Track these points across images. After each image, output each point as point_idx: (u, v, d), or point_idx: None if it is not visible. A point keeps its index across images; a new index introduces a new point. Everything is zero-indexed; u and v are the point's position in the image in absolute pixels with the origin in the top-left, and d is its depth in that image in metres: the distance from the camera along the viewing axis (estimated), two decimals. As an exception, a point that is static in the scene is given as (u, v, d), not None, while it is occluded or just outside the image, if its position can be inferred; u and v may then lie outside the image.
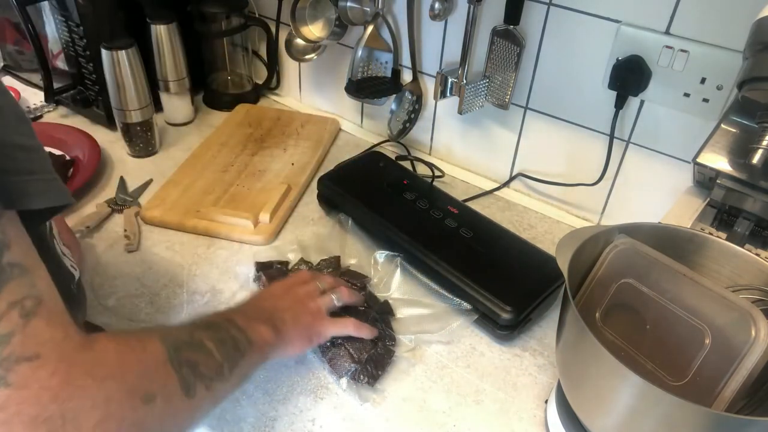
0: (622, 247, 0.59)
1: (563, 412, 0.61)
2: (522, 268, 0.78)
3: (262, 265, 0.82)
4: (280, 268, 0.81)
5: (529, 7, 0.84)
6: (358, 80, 1.00)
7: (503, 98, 0.92)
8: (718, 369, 0.51)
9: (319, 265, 0.82)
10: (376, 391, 0.68)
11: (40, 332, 0.37)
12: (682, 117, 0.79)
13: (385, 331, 0.73)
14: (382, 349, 0.71)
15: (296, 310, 0.66)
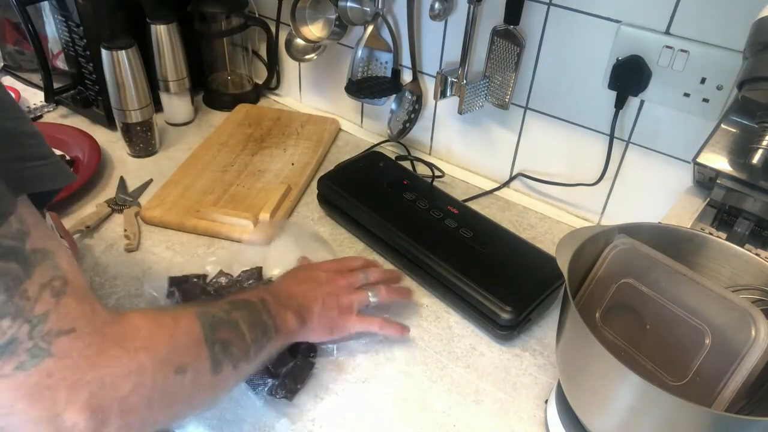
0: (622, 247, 0.59)
1: (563, 412, 0.61)
2: (522, 268, 0.78)
3: (176, 280, 0.77)
4: (196, 282, 0.77)
5: (529, 7, 0.84)
6: (358, 80, 1.00)
7: (503, 98, 0.92)
8: (718, 369, 0.51)
9: (240, 277, 0.79)
10: (295, 405, 0.66)
11: (71, 309, 0.40)
12: (682, 117, 0.79)
13: (305, 343, 0.70)
14: (301, 361, 0.68)
15: (327, 303, 0.67)
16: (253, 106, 1.19)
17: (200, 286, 0.76)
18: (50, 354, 0.38)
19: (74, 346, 0.39)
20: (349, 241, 0.89)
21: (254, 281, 0.78)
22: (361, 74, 1.01)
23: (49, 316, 0.38)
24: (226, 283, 0.78)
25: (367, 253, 0.87)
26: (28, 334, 0.37)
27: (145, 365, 0.43)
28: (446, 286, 0.78)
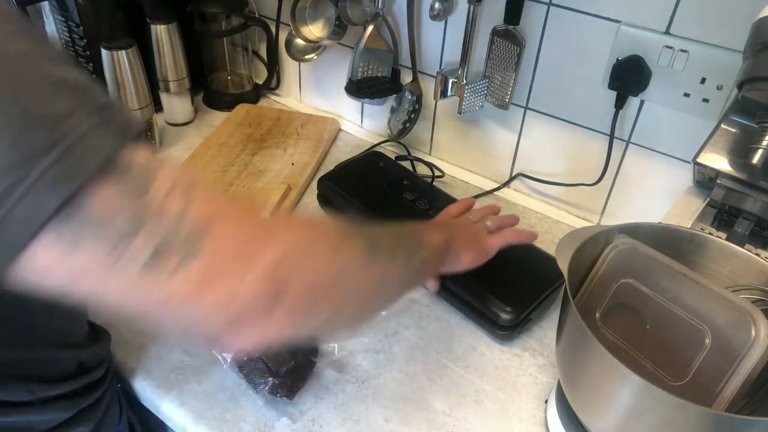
0: (622, 247, 0.59)
1: (563, 412, 0.61)
2: (522, 268, 0.78)
3: None
4: None
5: (529, 7, 0.84)
6: (358, 80, 1.00)
7: (503, 98, 0.92)
8: (718, 369, 0.51)
9: None
10: (295, 405, 0.66)
11: (208, 200, 0.38)
12: (682, 117, 0.79)
13: (306, 342, 0.70)
14: (301, 361, 0.68)
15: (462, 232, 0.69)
16: (253, 106, 1.19)
17: None
18: (205, 242, 0.36)
19: (223, 230, 0.37)
20: None
21: None
22: (361, 74, 1.01)
23: (189, 209, 0.36)
24: None
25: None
26: (175, 230, 0.35)
27: (299, 242, 0.41)
28: (446, 286, 0.78)
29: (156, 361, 0.70)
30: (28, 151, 0.31)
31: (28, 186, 0.31)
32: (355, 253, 0.46)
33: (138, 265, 0.34)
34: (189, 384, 0.67)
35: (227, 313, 0.37)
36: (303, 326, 0.43)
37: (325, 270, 0.43)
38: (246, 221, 0.40)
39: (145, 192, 0.35)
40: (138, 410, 0.71)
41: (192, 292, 0.36)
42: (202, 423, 0.64)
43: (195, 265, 0.36)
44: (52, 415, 0.55)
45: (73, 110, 0.33)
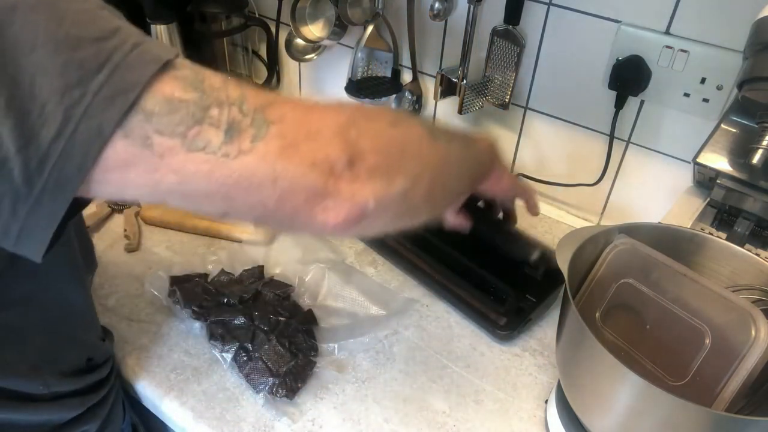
0: (622, 247, 0.59)
1: (563, 412, 0.61)
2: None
3: (178, 280, 0.77)
4: (198, 281, 0.77)
5: (529, 7, 0.84)
6: (358, 80, 1.00)
7: (503, 98, 0.92)
8: (718, 369, 0.51)
9: (241, 276, 0.79)
10: (295, 405, 0.66)
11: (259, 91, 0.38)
12: (682, 117, 0.79)
13: (306, 342, 0.70)
14: (302, 360, 0.68)
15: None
16: (253, 106, 1.19)
17: (202, 285, 0.77)
18: (271, 118, 0.37)
19: (284, 108, 0.38)
20: (349, 240, 0.89)
21: (255, 280, 0.78)
22: (361, 74, 1.01)
23: (247, 94, 0.37)
24: (227, 282, 0.78)
25: (366, 253, 0.87)
26: (240, 111, 0.36)
27: (359, 111, 0.42)
28: (446, 286, 0.78)
29: (156, 361, 0.70)
30: (80, 72, 0.32)
31: (87, 104, 0.32)
32: (416, 127, 0.46)
33: (215, 146, 0.35)
34: (189, 384, 0.67)
35: (311, 181, 0.37)
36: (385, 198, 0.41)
37: (392, 134, 0.43)
38: (299, 102, 0.40)
39: (201, 84, 0.35)
40: (138, 410, 0.71)
41: (271, 166, 0.36)
42: (202, 423, 0.64)
43: (269, 140, 0.36)
44: (63, 412, 0.57)
45: (116, 30, 0.35)
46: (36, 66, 0.31)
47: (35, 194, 0.33)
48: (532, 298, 0.75)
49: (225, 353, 0.69)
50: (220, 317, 0.72)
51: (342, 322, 0.76)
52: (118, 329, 0.72)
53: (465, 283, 0.77)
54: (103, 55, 0.33)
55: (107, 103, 0.32)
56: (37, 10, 0.32)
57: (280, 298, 0.76)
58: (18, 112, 0.31)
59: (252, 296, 0.76)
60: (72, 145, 0.32)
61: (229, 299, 0.75)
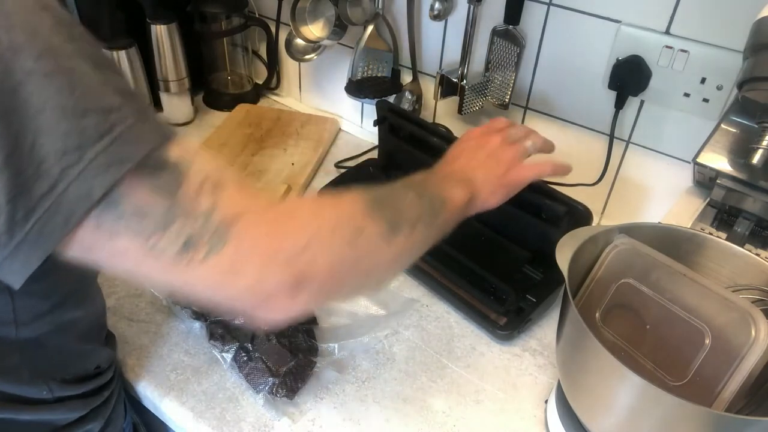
0: (622, 247, 0.59)
1: (563, 412, 0.61)
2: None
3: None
4: None
5: (529, 7, 0.84)
6: (358, 80, 1.00)
7: (503, 98, 0.92)
8: (718, 369, 0.51)
9: None
10: (295, 405, 0.66)
11: (235, 196, 0.41)
12: (682, 117, 0.79)
13: (306, 342, 0.70)
14: (302, 360, 0.68)
15: (489, 166, 0.64)
16: (253, 106, 1.19)
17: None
18: (230, 236, 0.39)
19: (249, 225, 0.40)
20: None
21: None
22: (361, 74, 1.01)
23: (216, 206, 0.39)
24: None
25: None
26: (203, 226, 0.39)
27: (321, 230, 0.44)
28: (446, 286, 0.78)
29: (156, 361, 0.70)
30: (81, 139, 0.35)
31: (80, 170, 0.35)
32: (378, 232, 0.48)
33: (170, 254, 0.38)
34: (189, 384, 0.67)
35: (253, 297, 0.41)
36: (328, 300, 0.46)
37: (347, 254, 0.45)
38: (270, 213, 0.43)
39: (178, 188, 0.38)
40: (138, 409, 0.71)
41: (219, 280, 0.40)
42: (202, 423, 0.64)
43: (222, 256, 0.39)
44: (66, 414, 0.57)
45: (121, 105, 0.36)
46: (40, 127, 0.34)
47: (14, 244, 0.35)
48: (532, 298, 0.75)
49: (225, 353, 0.69)
50: (220, 317, 0.72)
51: (342, 321, 0.76)
52: (118, 329, 0.72)
53: (465, 283, 0.77)
54: (103, 128, 0.36)
55: (100, 171, 0.35)
56: (53, 78, 0.34)
57: None
58: (15, 168, 0.34)
59: None
60: (60, 203, 0.35)
61: None
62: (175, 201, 0.38)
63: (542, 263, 0.79)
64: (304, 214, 0.45)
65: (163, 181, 0.38)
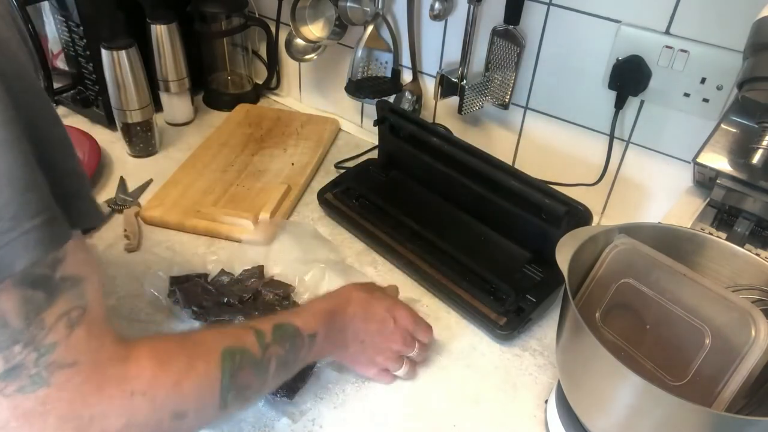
0: (622, 247, 0.59)
1: (563, 412, 0.61)
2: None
3: (177, 280, 0.77)
4: (198, 281, 0.77)
5: (529, 7, 0.84)
6: (358, 80, 1.00)
7: (503, 98, 0.92)
8: (718, 369, 0.51)
9: (241, 275, 0.79)
10: (295, 405, 0.66)
11: (80, 342, 0.42)
12: (682, 117, 0.79)
13: None
14: None
15: (368, 353, 0.66)
16: (253, 106, 1.19)
17: (201, 285, 0.76)
18: (48, 384, 0.40)
19: (72, 380, 0.41)
20: (350, 241, 0.89)
21: (256, 279, 0.78)
22: (361, 74, 1.01)
23: (57, 347, 0.40)
24: (227, 282, 0.78)
25: (366, 253, 0.87)
26: (34, 361, 0.39)
27: (139, 410, 0.43)
28: (446, 286, 0.78)
29: (156, 361, 0.70)
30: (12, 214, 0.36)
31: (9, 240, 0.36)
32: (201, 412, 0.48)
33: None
34: (189, 384, 0.67)
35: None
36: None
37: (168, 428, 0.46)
38: (95, 376, 0.42)
39: (41, 312, 0.39)
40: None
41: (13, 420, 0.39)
42: (202, 423, 0.64)
43: (29, 399, 0.39)
44: None
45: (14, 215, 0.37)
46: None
47: None
48: (532, 298, 0.75)
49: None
50: (220, 317, 0.72)
51: None
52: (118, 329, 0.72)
53: (465, 283, 0.77)
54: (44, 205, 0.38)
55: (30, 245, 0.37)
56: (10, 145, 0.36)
57: (280, 298, 0.76)
58: None
59: (252, 296, 0.76)
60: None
61: (229, 299, 0.75)
62: (30, 324, 0.39)
63: (542, 263, 0.78)
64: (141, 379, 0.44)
65: (35, 297, 0.39)
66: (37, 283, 0.39)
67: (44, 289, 0.40)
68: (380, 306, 0.66)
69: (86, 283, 0.43)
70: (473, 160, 0.80)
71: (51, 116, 0.42)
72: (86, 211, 0.45)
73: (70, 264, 0.41)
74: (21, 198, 0.37)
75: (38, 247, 0.38)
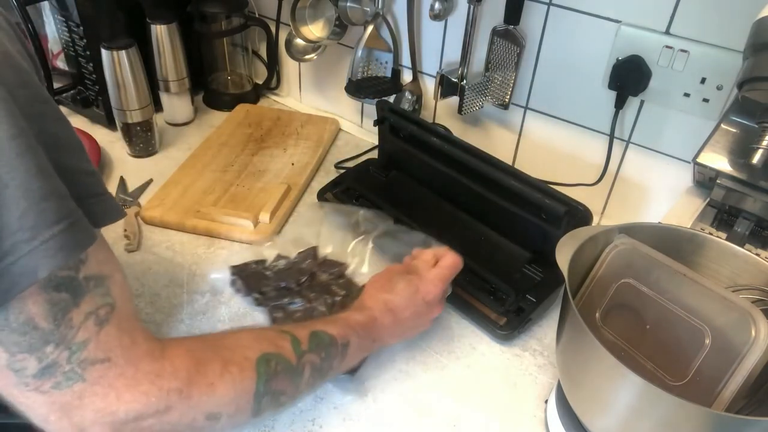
0: (622, 247, 0.59)
1: (563, 412, 0.61)
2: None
3: (237, 269, 0.79)
4: (256, 268, 0.79)
5: (529, 7, 0.84)
6: (358, 80, 1.00)
7: (503, 98, 0.92)
8: (718, 369, 0.51)
9: (296, 258, 0.81)
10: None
11: (111, 338, 0.42)
12: (682, 117, 0.79)
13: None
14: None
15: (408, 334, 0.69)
16: (253, 106, 1.19)
17: (260, 272, 0.78)
18: (83, 379, 0.41)
19: (106, 375, 0.42)
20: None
21: (311, 261, 0.80)
22: (361, 74, 1.01)
23: (88, 344, 0.41)
24: (284, 266, 0.80)
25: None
26: (67, 359, 0.41)
27: (173, 407, 0.44)
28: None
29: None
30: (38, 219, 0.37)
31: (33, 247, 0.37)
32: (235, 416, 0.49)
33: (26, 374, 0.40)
34: (189, 384, 0.67)
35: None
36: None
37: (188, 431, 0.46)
38: (129, 371, 0.43)
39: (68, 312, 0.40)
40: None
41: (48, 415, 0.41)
42: (202, 423, 0.64)
43: (63, 394, 0.41)
44: None
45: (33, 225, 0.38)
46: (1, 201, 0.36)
47: None
48: (532, 298, 0.75)
49: None
50: (280, 302, 0.74)
51: None
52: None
53: (465, 282, 0.77)
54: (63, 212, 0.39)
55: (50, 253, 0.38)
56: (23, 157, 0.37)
57: (334, 277, 0.78)
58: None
59: (308, 277, 0.77)
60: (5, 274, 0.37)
61: (288, 283, 0.76)
62: (59, 324, 0.40)
63: (542, 263, 0.78)
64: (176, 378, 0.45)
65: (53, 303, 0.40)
66: (62, 286, 0.40)
67: (69, 290, 0.40)
68: (406, 301, 0.66)
69: (110, 281, 0.43)
70: (473, 160, 0.80)
71: (61, 121, 0.42)
72: (106, 208, 0.46)
73: (93, 264, 0.42)
74: (38, 207, 0.37)
75: (59, 254, 0.38)
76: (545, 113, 0.92)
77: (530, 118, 0.94)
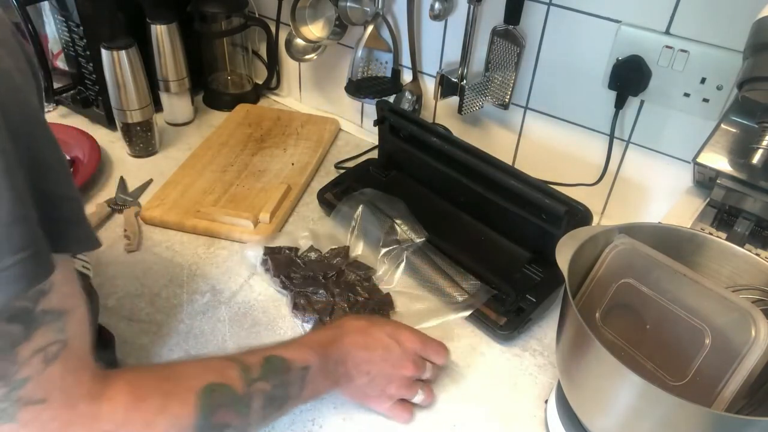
0: (622, 247, 0.59)
1: (563, 412, 0.61)
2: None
3: (271, 250, 0.83)
4: (288, 254, 0.83)
5: (529, 7, 0.84)
6: (358, 80, 1.00)
7: (503, 98, 0.92)
8: (718, 369, 0.51)
9: (327, 254, 0.83)
10: None
11: (54, 378, 0.40)
12: (682, 117, 0.79)
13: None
14: None
15: (375, 383, 0.62)
16: (253, 106, 1.19)
17: (291, 258, 0.82)
18: (15, 419, 0.39)
19: (39, 417, 0.40)
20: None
21: (341, 259, 0.82)
22: (361, 74, 1.01)
23: (27, 382, 0.39)
24: (315, 258, 0.82)
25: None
26: (4, 396, 0.39)
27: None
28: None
29: (156, 361, 0.70)
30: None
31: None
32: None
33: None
34: (189, 384, 0.67)
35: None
36: None
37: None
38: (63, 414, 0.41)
39: (16, 346, 0.38)
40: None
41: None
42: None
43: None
44: None
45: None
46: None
47: None
48: (532, 298, 0.75)
49: (305, 323, 0.74)
50: (305, 289, 0.76)
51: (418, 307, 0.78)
52: (118, 329, 0.72)
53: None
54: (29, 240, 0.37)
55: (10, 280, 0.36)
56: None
57: (361, 279, 0.79)
58: None
59: (335, 274, 0.79)
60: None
61: (315, 273, 0.78)
62: (2, 359, 0.38)
63: (542, 263, 0.78)
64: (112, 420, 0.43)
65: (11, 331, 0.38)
66: (15, 317, 0.38)
67: (22, 322, 0.39)
68: (380, 331, 0.63)
69: (69, 316, 0.42)
70: (473, 160, 0.80)
71: (50, 144, 0.41)
72: (82, 237, 0.44)
73: (54, 297, 0.40)
74: (5, 232, 0.36)
75: (18, 283, 0.37)
76: (545, 113, 0.92)
77: (530, 118, 0.94)
